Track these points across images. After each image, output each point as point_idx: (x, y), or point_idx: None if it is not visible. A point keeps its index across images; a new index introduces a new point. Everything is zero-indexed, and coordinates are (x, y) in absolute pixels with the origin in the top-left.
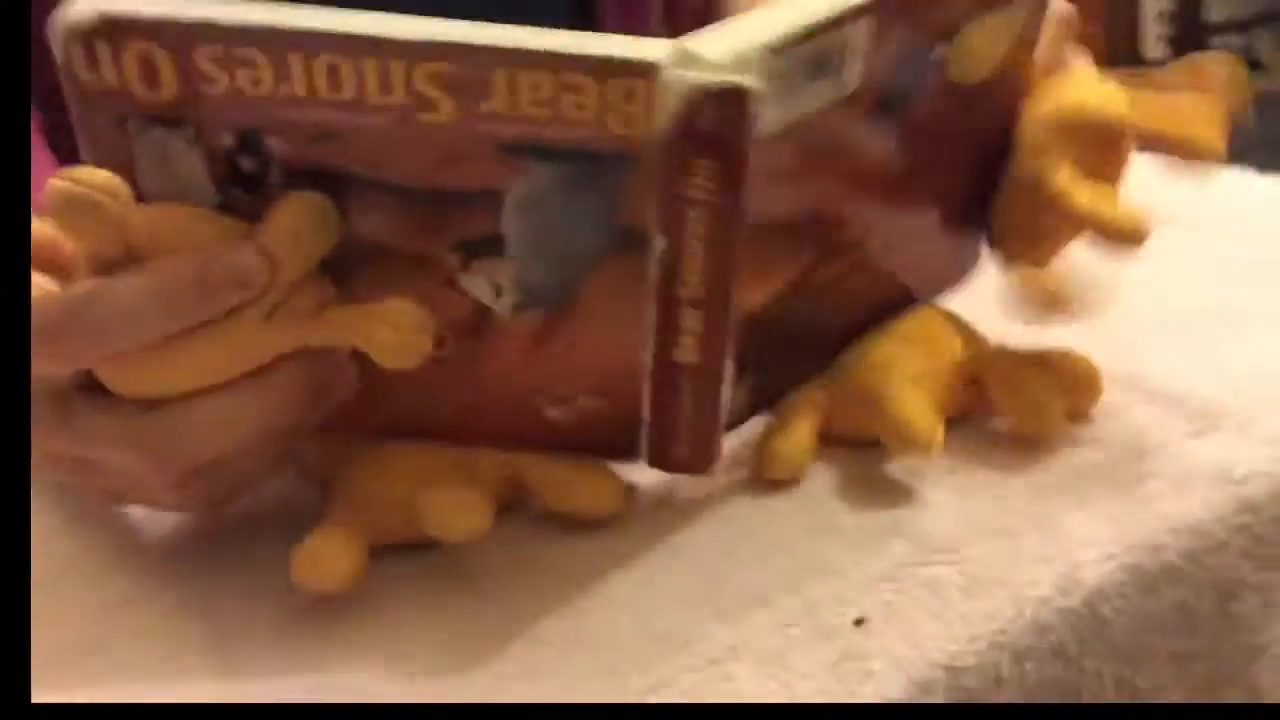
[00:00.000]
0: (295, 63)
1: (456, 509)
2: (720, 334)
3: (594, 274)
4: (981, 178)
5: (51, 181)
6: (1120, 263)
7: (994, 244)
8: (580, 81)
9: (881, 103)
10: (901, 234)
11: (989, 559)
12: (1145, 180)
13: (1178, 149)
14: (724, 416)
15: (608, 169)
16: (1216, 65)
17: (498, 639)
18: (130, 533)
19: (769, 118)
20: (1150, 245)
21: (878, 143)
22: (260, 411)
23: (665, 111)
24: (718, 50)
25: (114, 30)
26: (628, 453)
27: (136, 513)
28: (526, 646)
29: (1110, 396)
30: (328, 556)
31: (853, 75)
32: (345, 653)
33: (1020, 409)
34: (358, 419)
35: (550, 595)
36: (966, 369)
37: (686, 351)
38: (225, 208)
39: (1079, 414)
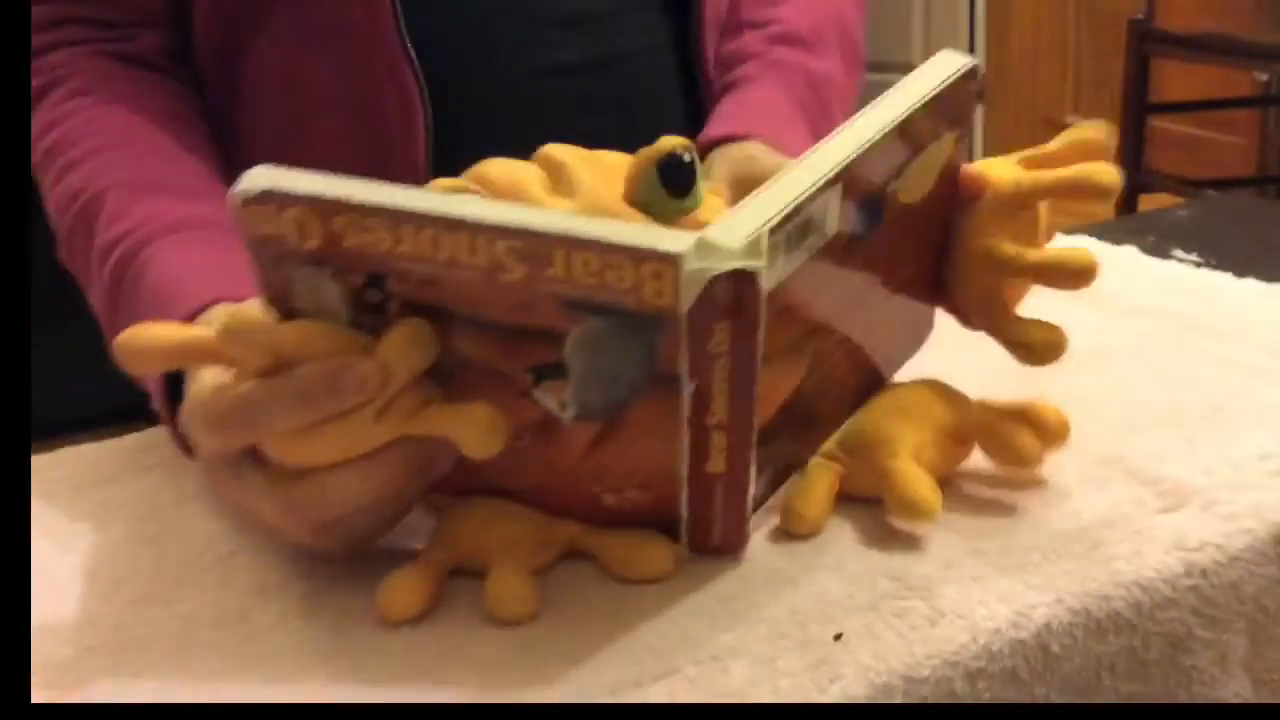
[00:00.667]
0: (406, 232)
1: (513, 599)
2: (744, 449)
3: (638, 403)
4: (931, 267)
5: (217, 314)
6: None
7: (959, 316)
8: (620, 262)
9: (852, 237)
10: (873, 324)
11: (956, 597)
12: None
13: (1082, 188)
14: (750, 511)
15: (646, 326)
16: (1095, 130)
17: (545, 635)
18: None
19: (771, 276)
20: (1146, 345)
21: (853, 267)
22: (373, 484)
23: (691, 290)
24: (730, 240)
25: (276, 199)
26: (670, 534)
27: None
28: (568, 637)
29: (1095, 471)
30: (408, 590)
31: (831, 225)
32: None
33: (1003, 456)
34: (457, 486)
35: (592, 608)
36: (956, 430)
37: (716, 464)
38: (356, 325)
39: (1052, 450)
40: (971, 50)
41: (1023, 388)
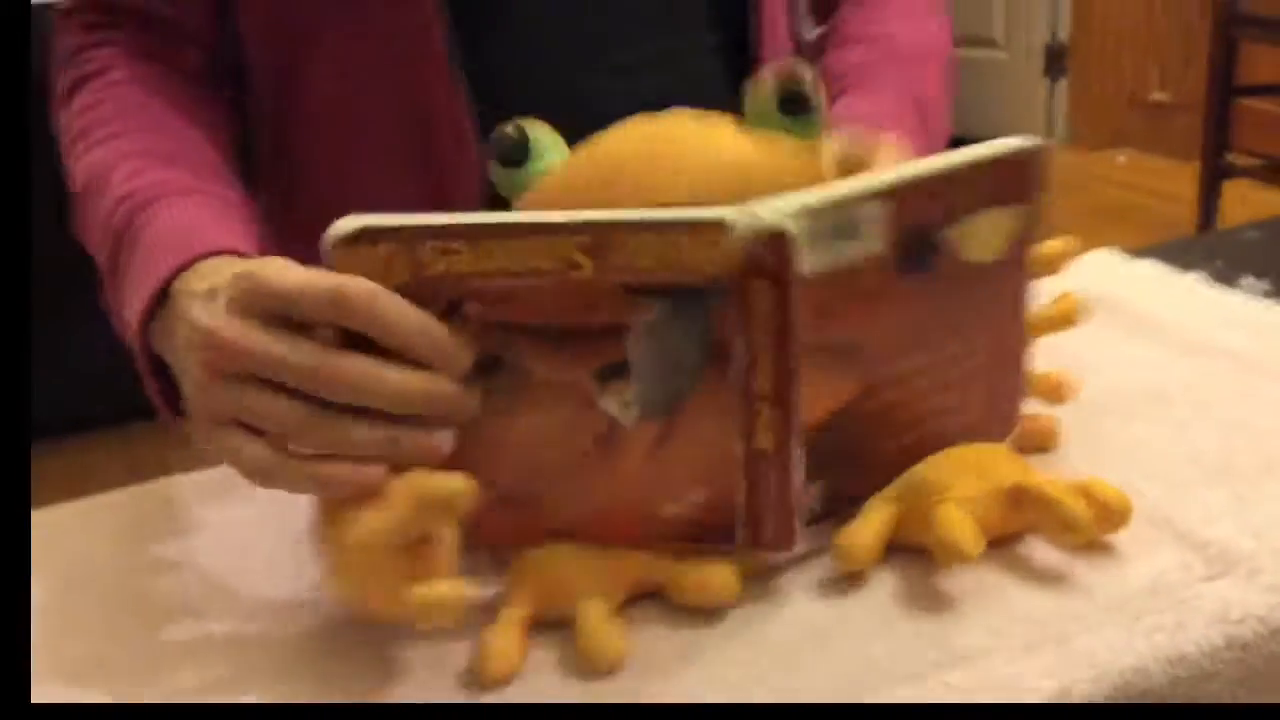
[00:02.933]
0: (487, 247)
1: (607, 650)
2: (788, 424)
3: (695, 388)
4: (1009, 350)
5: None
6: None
7: None
8: (677, 238)
9: (903, 264)
10: (946, 383)
11: (1001, 669)
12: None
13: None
14: (797, 501)
15: (702, 299)
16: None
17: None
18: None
19: (810, 261)
20: (1205, 387)
21: (907, 297)
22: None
23: (735, 249)
24: (769, 210)
25: (368, 237)
26: (727, 540)
27: None
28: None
29: (1144, 532)
30: (505, 651)
31: (876, 241)
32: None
33: (1054, 527)
34: (517, 532)
35: (667, 653)
36: (1012, 494)
37: (764, 440)
38: None
39: (1109, 532)
40: (1054, 23)
41: (1085, 436)
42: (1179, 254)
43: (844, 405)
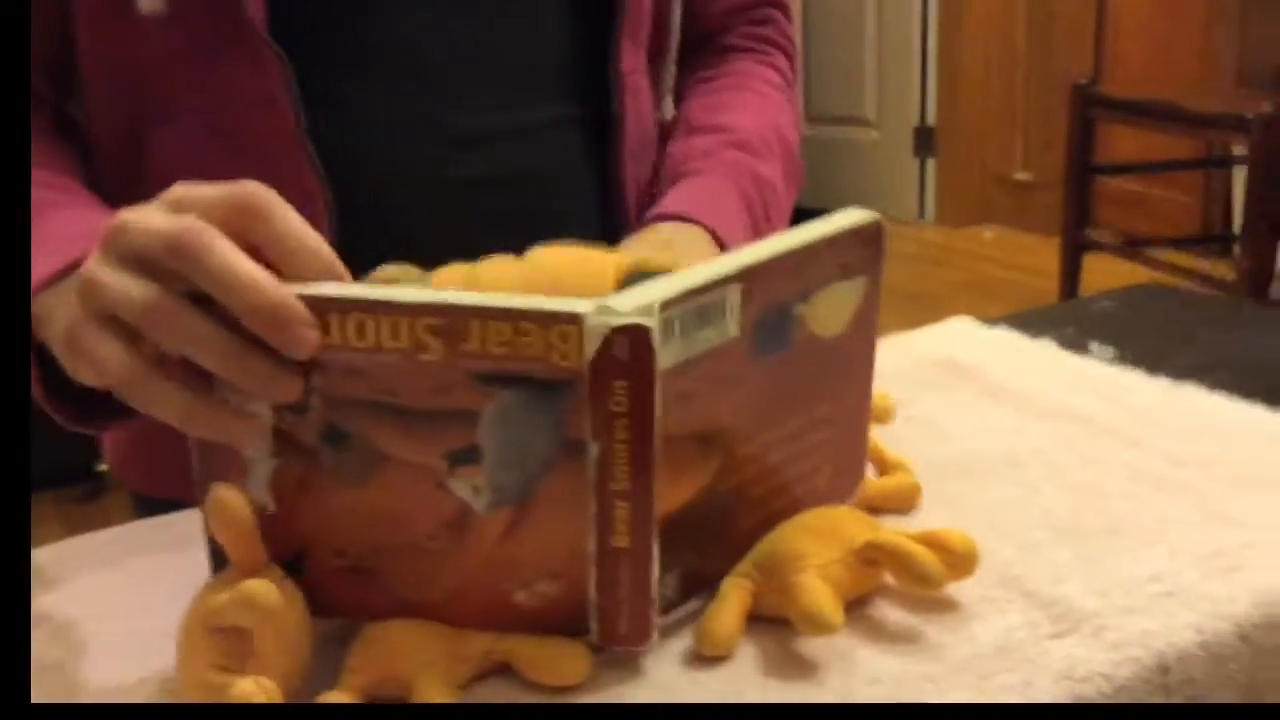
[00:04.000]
0: (332, 320)
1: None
2: (646, 522)
3: (548, 478)
4: (854, 415)
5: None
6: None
7: None
8: (529, 328)
9: (757, 346)
10: (796, 455)
11: None
12: (1068, 386)
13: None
14: (655, 594)
15: (555, 393)
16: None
17: None
18: None
19: (669, 353)
20: (1056, 450)
21: (762, 375)
22: None
23: (590, 347)
24: (627, 304)
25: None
26: (580, 632)
27: None
28: None
29: (994, 592)
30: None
31: (733, 325)
32: None
33: (908, 579)
34: (366, 606)
35: None
36: (864, 552)
37: (620, 538)
38: (277, 428)
39: (959, 578)
40: (923, 105)
41: (942, 498)
42: (1033, 323)
43: (700, 491)
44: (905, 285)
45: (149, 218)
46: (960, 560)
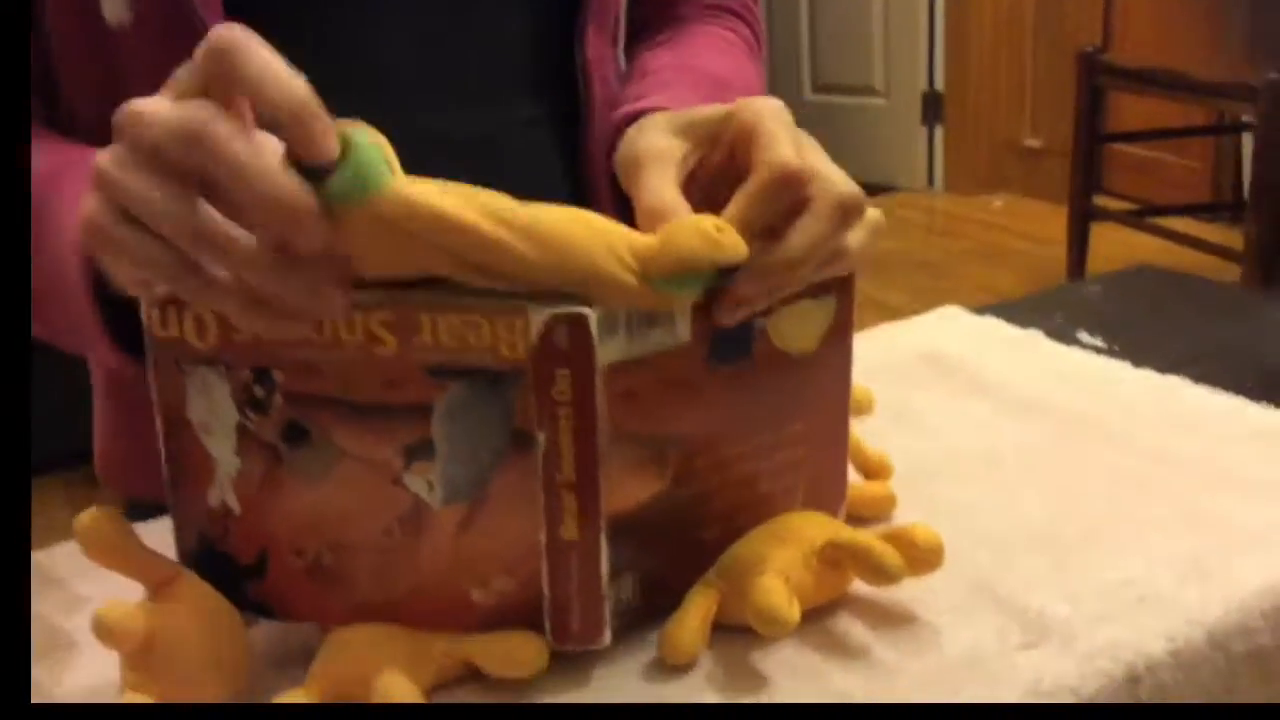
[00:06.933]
0: None
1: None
2: (593, 514)
3: (500, 472)
4: (829, 434)
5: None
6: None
7: None
8: (478, 320)
9: (716, 355)
10: (766, 471)
11: None
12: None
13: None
14: (605, 590)
15: (504, 383)
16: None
17: None
18: None
19: (613, 348)
20: (1034, 448)
21: (721, 386)
22: None
23: (533, 335)
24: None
25: (177, 301)
26: (535, 631)
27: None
28: None
29: (965, 600)
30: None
31: (684, 329)
32: None
33: (869, 575)
34: (327, 609)
35: None
36: (827, 554)
37: (569, 530)
38: (241, 427)
39: (924, 573)
40: (930, 72)
41: (918, 501)
42: (1021, 311)
43: (656, 495)
44: (914, 254)
45: (158, 107)
46: (924, 555)
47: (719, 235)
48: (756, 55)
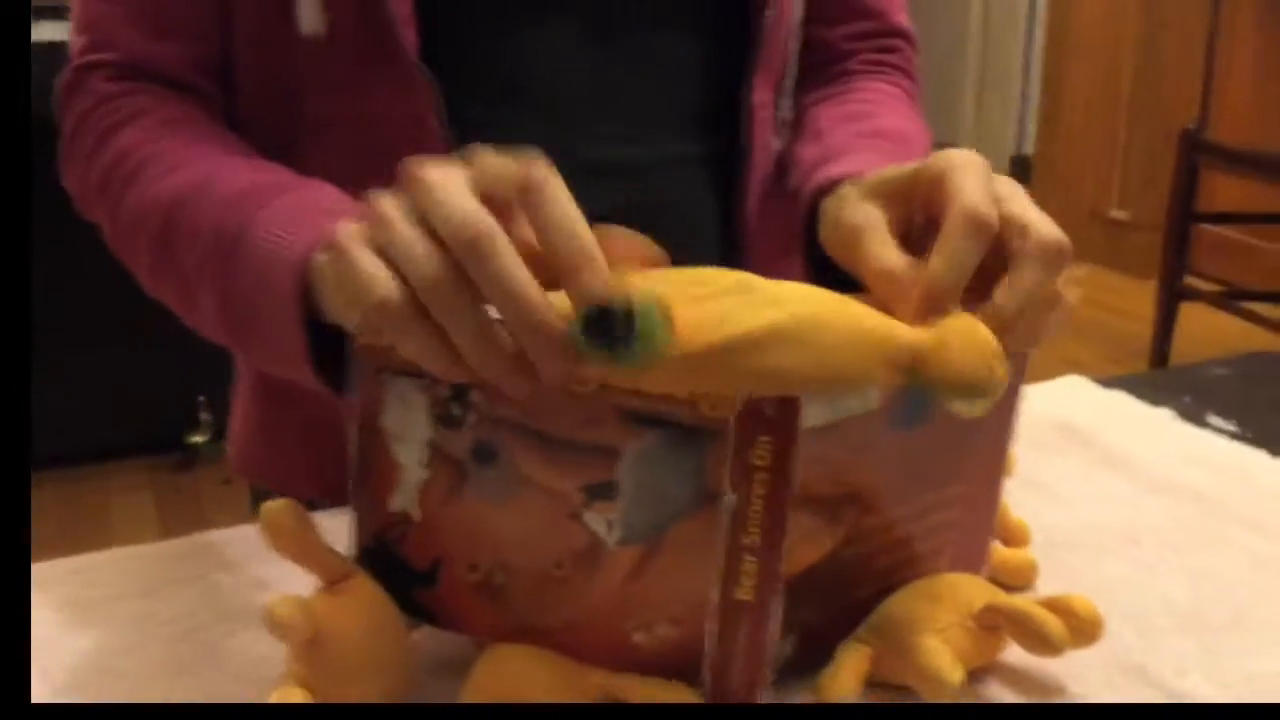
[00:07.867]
0: None
1: None
2: (773, 578)
3: (681, 523)
4: (983, 499)
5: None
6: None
7: None
8: None
9: (896, 419)
10: (921, 532)
11: None
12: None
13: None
14: (771, 652)
15: (698, 440)
16: None
17: None
18: None
19: (814, 413)
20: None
21: (894, 450)
22: None
23: (739, 399)
24: None
25: None
26: (692, 681)
27: None
28: None
29: (1117, 678)
30: None
31: (874, 397)
32: None
33: (1030, 643)
34: (492, 626)
35: None
36: (986, 618)
37: (745, 591)
38: (433, 442)
39: (1083, 646)
40: (1020, 139)
41: (1054, 569)
42: (1149, 388)
43: (825, 555)
44: None
45: (454, 193)
46: (1084, 626)
47: (1000, 367)
48: (920, 113)
